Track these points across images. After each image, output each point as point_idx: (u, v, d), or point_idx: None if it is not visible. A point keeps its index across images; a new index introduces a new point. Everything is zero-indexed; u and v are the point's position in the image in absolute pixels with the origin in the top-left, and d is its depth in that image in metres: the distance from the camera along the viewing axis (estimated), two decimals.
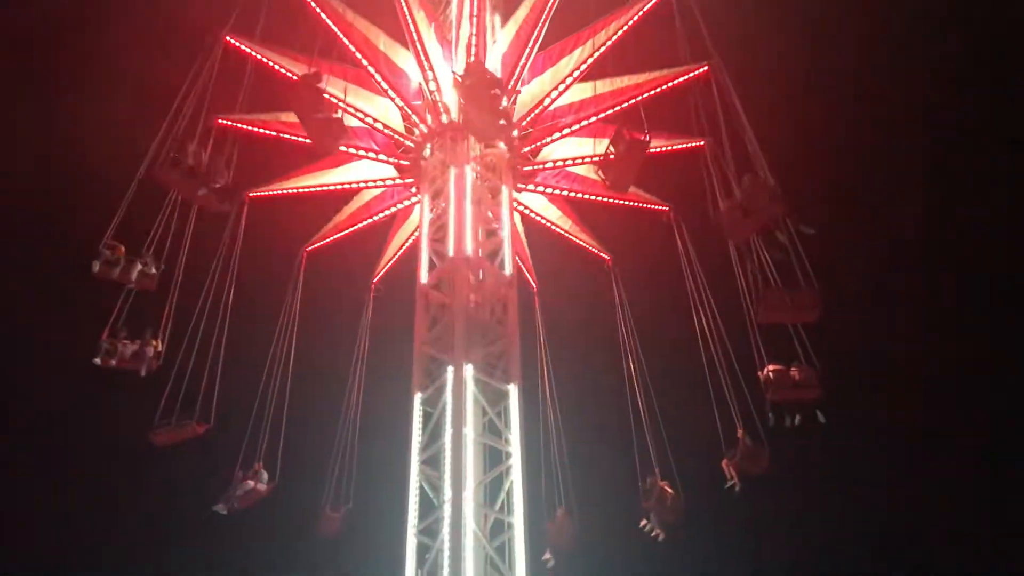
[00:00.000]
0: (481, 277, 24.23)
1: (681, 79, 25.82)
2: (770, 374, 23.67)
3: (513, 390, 23.28)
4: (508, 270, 24.93)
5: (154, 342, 22.71)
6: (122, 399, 24.04)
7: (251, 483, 24.96)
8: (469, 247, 24.19)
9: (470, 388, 22.37)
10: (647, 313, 29.61)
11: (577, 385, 30.16)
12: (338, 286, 31.00)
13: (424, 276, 24.67)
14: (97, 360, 21.76)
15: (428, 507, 21.89)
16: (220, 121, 25.21)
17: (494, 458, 22.60)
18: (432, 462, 22.22)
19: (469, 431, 21.84)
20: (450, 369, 22.53)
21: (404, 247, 29.85)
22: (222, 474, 25.33)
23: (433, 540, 21.22)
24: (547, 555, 26.06)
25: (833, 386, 24.03)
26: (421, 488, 22.15)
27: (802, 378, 23.43)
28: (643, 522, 26.38)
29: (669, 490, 26.27)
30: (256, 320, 28.13)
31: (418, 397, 23.19)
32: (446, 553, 20.30)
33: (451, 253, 24.22)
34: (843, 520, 36.03)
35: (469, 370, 22.52)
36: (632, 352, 28.52)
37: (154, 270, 21.91)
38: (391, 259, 30.40)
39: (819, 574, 35.74)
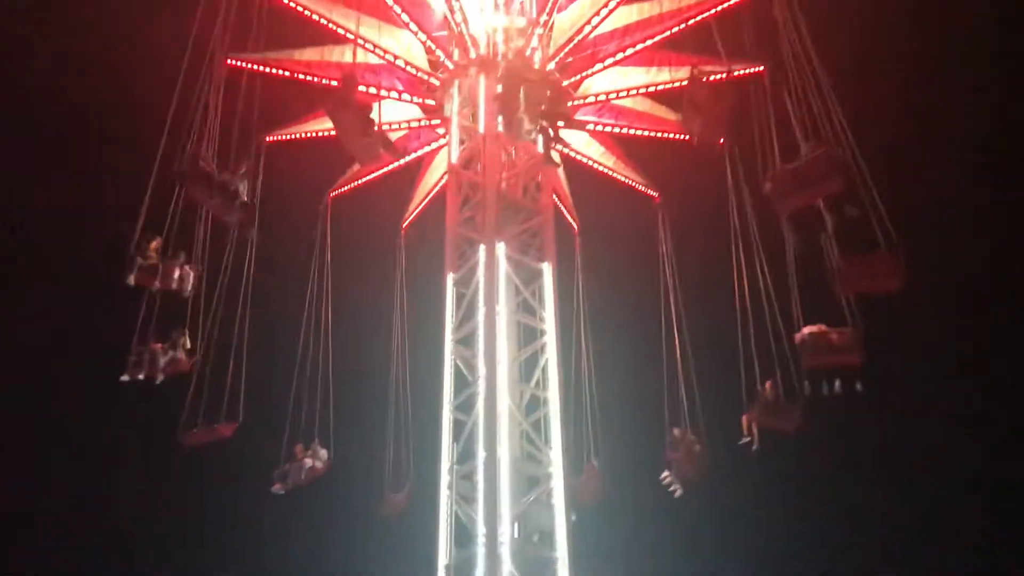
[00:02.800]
0: (512, 155, 23.45)
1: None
2: (806, 337, 20.92)
3: (547, 268, 22.71)
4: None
5: (182, 341, 20.56)
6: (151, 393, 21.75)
7: (308, 461, 23.40)
8: None
9: (503, 266, 21.97)
10: (695, 257, 27.19)
11: (614, 330, 28.07)
12: (365, 234, 28.86)
13: (454, 155, 23.72)
14: (125, 377, 19.75)
15: (463, 384, 21.65)
16: (230, 62, 22.86)
17: (528, 337, 22.12)
18: (466, 341, 21.82)
19: (502, 309, 21.45)
20: (482, 248, 22.10)
21: (433, 191, 27.56)
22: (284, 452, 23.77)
23: (468, 416, 20.88)
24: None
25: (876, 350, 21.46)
26: (456, 366, 21.85)
27: (841, 342, 20.66)
28: (664, 474, 24.62)
29: (698, 444, 24.35)
30: (282, 284, 26.23)
31: (451, 277, 22.74)
32: (481, 428, 20.20)
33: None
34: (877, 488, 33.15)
35: (501, 248, 22.08)
36: (673, 299, 26.14)
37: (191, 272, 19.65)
38: (421, 203, 28.15)
39: (846, 542, 33.02)
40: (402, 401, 26.12)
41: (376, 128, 19.40)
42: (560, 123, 22.81)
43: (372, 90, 24.25)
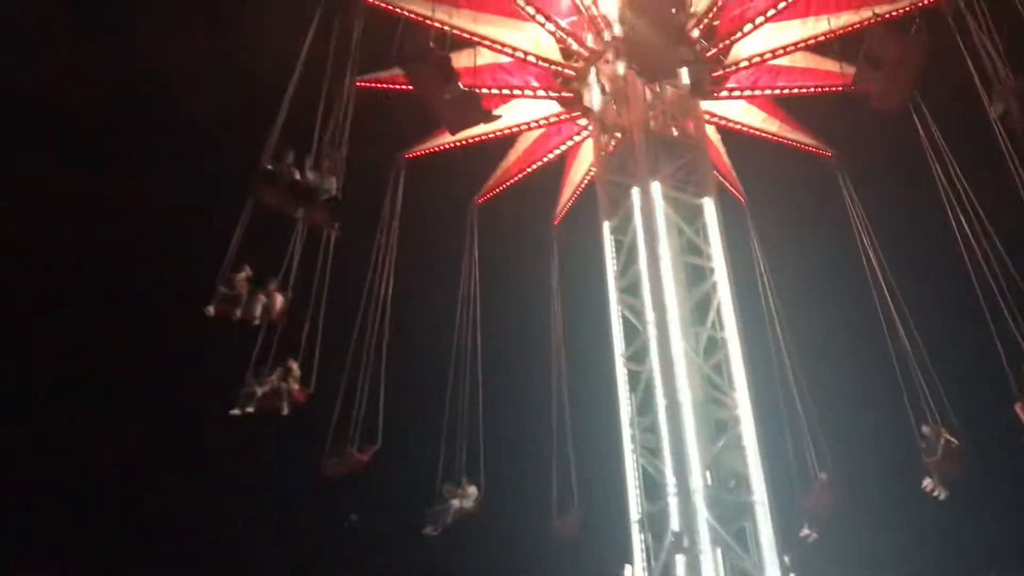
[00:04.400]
0: (658, 90, 21.70)
1: None
2: None
3: (708, 204, 21.16)
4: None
5: (292, 367, 19.38)
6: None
7: (456, 502, 22.01)
8: None
9: (659, 206, 20.57)
10: (889, 219, 24.09)
11: (813, 316, 25.33)
12: (514, 236, 27.43)
13: (596, 102, 22.23)
14: (236, 411, 19.18)
15: (633, 334, 20.46)
16: (360, 83, 21.84)
17: (697, 278, 20.72)
18: (631, 290, 20.65)
19: (664, 251, 20.15)
20: (636, 191, 20.83)
21: (582, 185, 25.80)
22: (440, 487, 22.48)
23: (642, 366, 19.82)
24: (806, 531, 22.15)
25: None
26: (624, 318, 20.73)
27: None
28: (925, 482, 21.64)
29: (952, 438, 21.29)
30: (427, 297, 25.19)
31: (607, 226, 21.67)
32: (657, 375, 19.12)
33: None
34: None
35: (657, 188, 20.62)
36: (880, 269, 23.05)
37: (281, 300, 18.36)
38: (570, 199, 26.46)
39: None
40: (564, 422, 24.47)
41: (461, 86, 17.62)
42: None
43: (505, 91, 22.85)
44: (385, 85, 22.60)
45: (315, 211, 17.71)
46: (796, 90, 23.18)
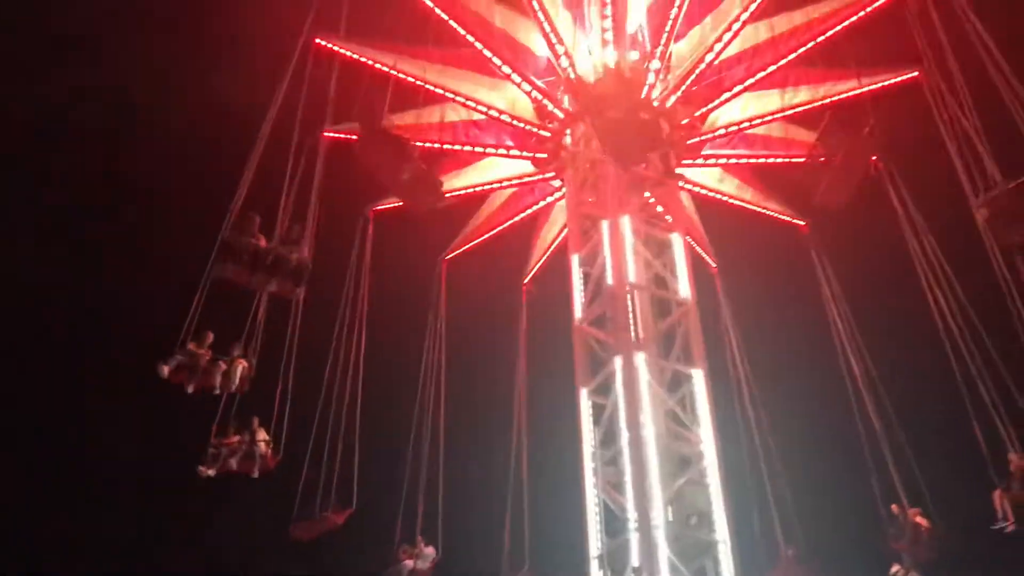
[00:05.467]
0: None
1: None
2: None
3: (677, 239, 20.98)
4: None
5: (262, 435, 18.71)
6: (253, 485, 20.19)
7: (410, 563, 21.19)
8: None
9: (629, 240, 20.41)
10: (862, 292, 23.79)
11: (783, 387, 24.78)
12: (483, 293, 26.78)
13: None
14: (207, 470, 18.33)
15: (598, 367, 20.11)
16: (327, 135, 21.39)
17: (664, 311, 20.56)
18: (597, 322, 20.40)
19: (632, 282, 19.96)
20: (605, 223, 20.70)
21: (553, 245, 25.31)
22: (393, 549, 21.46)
23: (606, 398, 19.46)
24: None
25: None
26: (590, 349, 20.32)
27: None
28: (894, 569, 21.01)
29: (923, 521, 20.66)
30: (395, 353, 24.40)
31: (576, 258, 21.43)
32: (621, 408, 18.86)
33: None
34: None
35: (627, 221, 20.54)
36: (850, 341, 22.64)
37: (243, 368, 17.62)
38: (541, 258, 25.92)
39: None
40: (521, 486, 23.52)
41: (418, 163, 17.11)
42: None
43: (479, 149, 22.44)
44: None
45: (281, 282, 17.03)
46: (771, 159, 23.02)
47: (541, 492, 23.74)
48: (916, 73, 20.86)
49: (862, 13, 20.04)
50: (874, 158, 21.82)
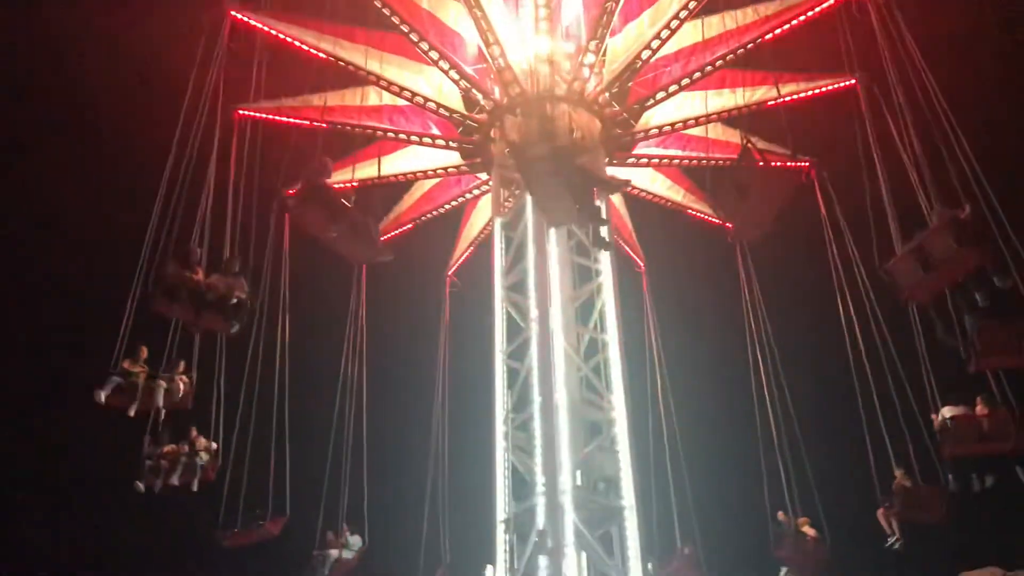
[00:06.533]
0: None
1: (826, 4, 19.26)
2: (947, 421, 17.20)
3: (601, 205, 19.48)
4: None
5: (202, 444, 17.86)
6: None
7: (334, 552, 20.48)
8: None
9: None
10: (785, 302, 23.51)
11: (696, 386, 24.56)
12: (405, 283, 25.89)
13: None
14: (140, 485, 17.17)
15: (516, 333, 19.91)
16: (241, 113, 20.22)
17: (584, 279, 20.30)
18: (517, 287, 20.04)
19: (553, 249, 19.61)
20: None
21: (480, 237, 24.52)
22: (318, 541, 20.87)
23: (522, 363, 19.27)
24: None
25: None
26: (508, 315, 20.07)
27: (993, 427, 16.88)
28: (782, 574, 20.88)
29: (810, 532, 20.61)
30: (315, 351, 23.30)
31: (498, 222, 20.84)
32: (535, 373, 18.62)
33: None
34: None
35: None
36: (763, 349, 22.27)
37: (184, 385, 16.78)
38: (466, 250, 25.13)
39: None
40: (440, 475, 23.31)
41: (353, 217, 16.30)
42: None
43: (403, 136, 21.43)
44: (271, 117, 20.90)
45: (214, 318, 16.04)
46: (701, 162, 22.48)
47: (459, 469, 23.36)
48: (853, 81, 20.56)
49: (802, 18, 19.51)
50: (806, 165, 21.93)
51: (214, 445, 18.36)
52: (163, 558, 26.95)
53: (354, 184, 20.71)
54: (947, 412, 17.36)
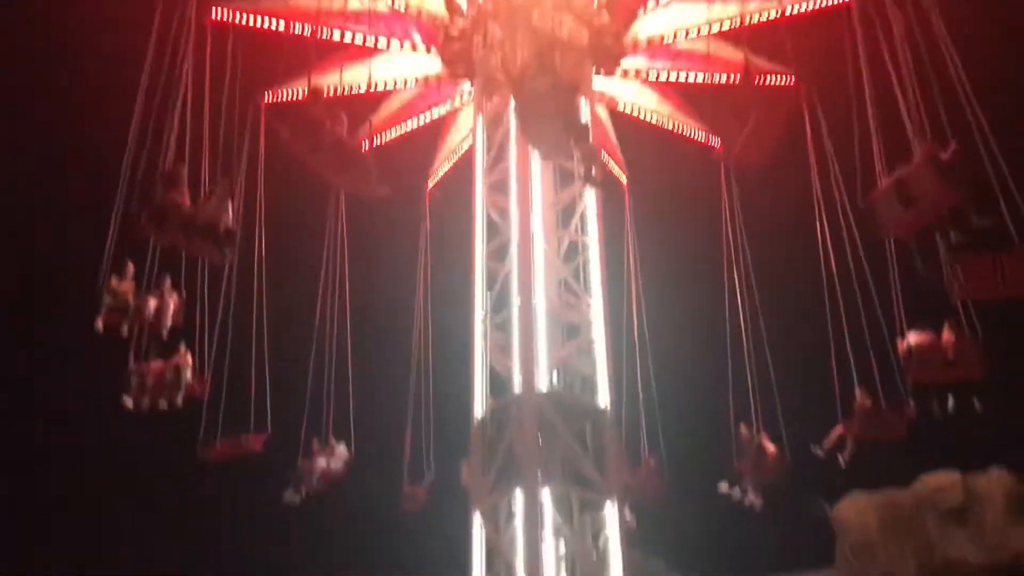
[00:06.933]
0: None
1: None
2: (912, 348, 17.38)
3: (584, 104, 19.06)
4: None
5: (184, 356, 17.70)
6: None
7: (323, 462, 20.45)
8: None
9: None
10: (768, 224, 23.24)
11: (671, 307, 24.43)
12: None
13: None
14: (128, 401, 16.95)
15: (495, 233, 19.84)
16: (215, 19, 19.26)
17: (567, 182, 19.93)
18: (498, 186, 19.82)
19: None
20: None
21: (460, 150, 23.87)
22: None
23: (501, 264, 19.37)
24: (629, 517, 21.41)
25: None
26: (488, 216, 19.95)
27: (958, 354, 17.14)
28: (724, 486, 21.16)
29: (770, 447, 20.75)
30: (294, 264, 22.81)
31: (480, 119, 20.58)
32: (515, 275, 18.84)
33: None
34: None
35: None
36: (739, 268, 22.13)
37: (175, 302, 16.53)
38: (446, 163, 24.50)
39: None
40: (423, 389, 23.21)
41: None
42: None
43: (383, 39, 20.56)
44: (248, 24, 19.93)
45: (210, 246, 15.50)
46: (689, 78, 21.79)
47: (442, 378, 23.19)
48: None
49: None
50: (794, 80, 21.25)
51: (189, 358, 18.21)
52: (147, 477, 26.90)
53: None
54: (913, 338, 17.53)
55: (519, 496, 17.10)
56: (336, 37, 20.30)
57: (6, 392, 26.22)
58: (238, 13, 19.95)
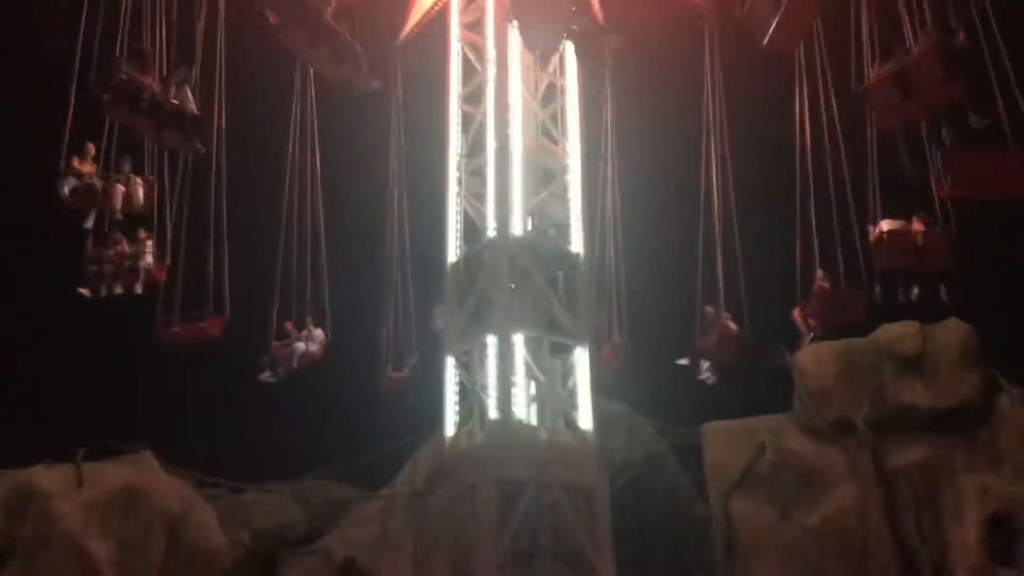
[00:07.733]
0: None
1: None
2: (884, 235, 18.01)
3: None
4: None
5: (144, 241, 17.33)
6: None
7: (302, 345, 20.56)
8: None
9: None
10: (750, 97, 22.58)
11: (645, 177, 24.03)
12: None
13: None
14: (85, 291, 16.60)
15: (472, 75, 19.74)
16: None
17: None
18: (474, 27, 19.78)
19: None
20: None
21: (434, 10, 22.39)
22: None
23: (477, 108, 19.33)
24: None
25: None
26: (464, 57, 19.98)
27: (928, 243, 17.77)
28: (685, 360, 21.96)
29: (732, 326, 21.32)
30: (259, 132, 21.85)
31: None
32: (491, 118, 18.80)
33: None
34: None
35: None
36: (716, 143, 21.79)
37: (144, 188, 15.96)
38: (419, 21, 22.98)
39: None
40: (401, 266, 22.75)
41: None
42: None
43: None
44: None
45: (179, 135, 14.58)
46: None
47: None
48: None
49: None
50: None
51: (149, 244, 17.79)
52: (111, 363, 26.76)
53: None
54: (885, 225, 18.15)
55: (492, 340, 17.46)
56: None
57: None
58: None
